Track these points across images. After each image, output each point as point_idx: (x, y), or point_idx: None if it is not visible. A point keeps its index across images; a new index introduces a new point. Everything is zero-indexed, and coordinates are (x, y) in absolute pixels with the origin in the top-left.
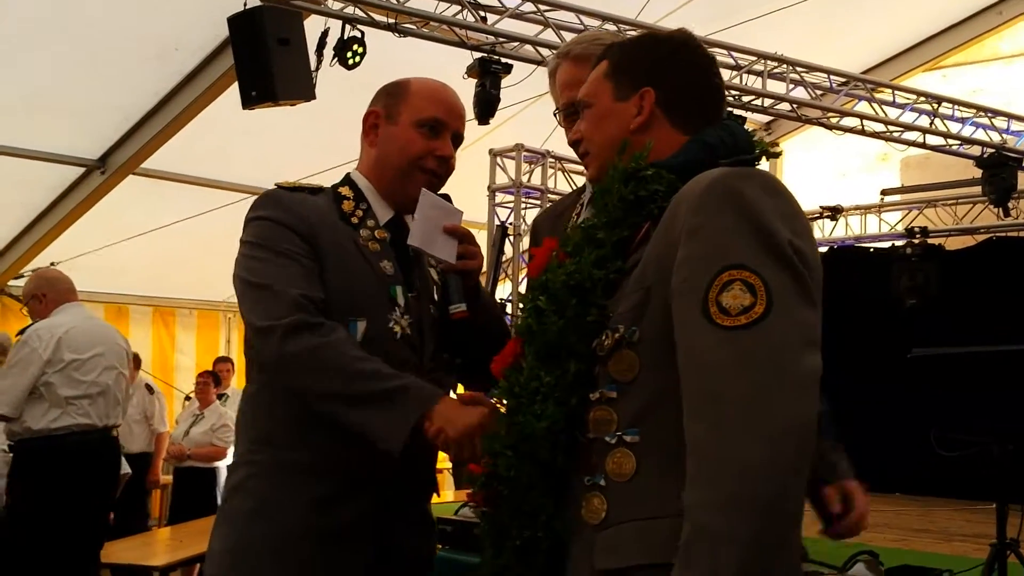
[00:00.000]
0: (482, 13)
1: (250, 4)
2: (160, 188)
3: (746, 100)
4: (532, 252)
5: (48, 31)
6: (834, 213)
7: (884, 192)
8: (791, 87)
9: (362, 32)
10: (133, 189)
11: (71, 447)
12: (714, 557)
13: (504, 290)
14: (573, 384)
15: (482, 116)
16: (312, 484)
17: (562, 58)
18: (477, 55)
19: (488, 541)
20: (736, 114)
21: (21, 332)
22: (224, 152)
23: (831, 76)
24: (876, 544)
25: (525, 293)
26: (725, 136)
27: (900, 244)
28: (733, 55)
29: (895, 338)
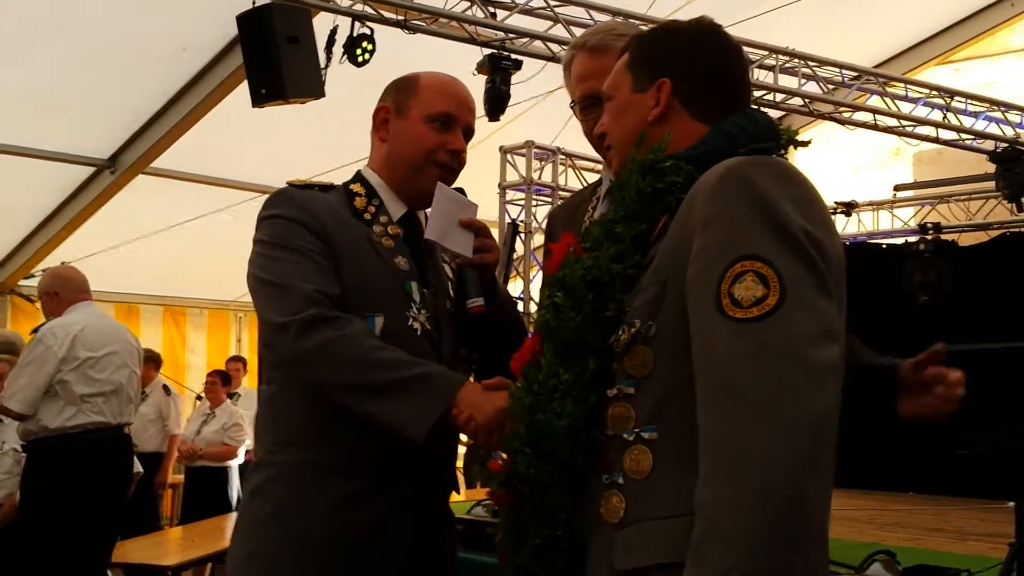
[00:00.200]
0: (492, 9)
1: (259, 2)
2: (170, 187)
3: (757, 95)
4: (550, 247)
5: (55, 31)
6: (848, 209)
7: (897, 188)
8: (803, 82)
9: (371, 29)
10: (143, 189)
11: (86, 445)
12: (726, 556)
13: (515, 288)
14: (592, 381)
15: (492, 113)
16: (336, 484)
17: (577, 49)
18: (487, 51)
19: (507, 540)
20: None
21: (35, 330)
22: (234, 151)
23: (843, 70)
24: (890, 543)
25: (543, 289)
26: (747, 125)
27: (913, 240)
28: (744, 50)
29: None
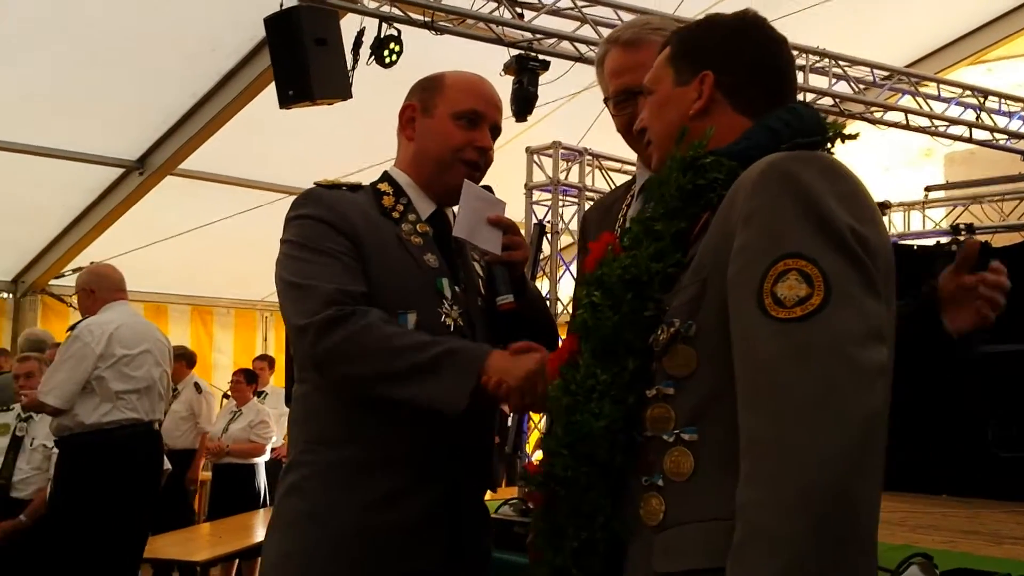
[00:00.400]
0: (519, 10)
1: (286, 4)
2: (198, 188)
3: None
4: (588, 246)
5: (84, 33)
6: (882, 209)
7: (928, 188)
8: (833, 81)
9: (398, 30)
10: (171, 190)
11: (119, 441)
12: (769, 561)
13: (542, 289)
14: (630, 381)
15: (520, 113)
16: (372, 481)
17: (611, 45)
18: (514, 52)
19: (543, 541)
20: None
21: (72, 327)
22: (261, 152)
23: (874, 70)
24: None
25: (579, 288)
26: (791, 119)
27: (945, 242)
28: None
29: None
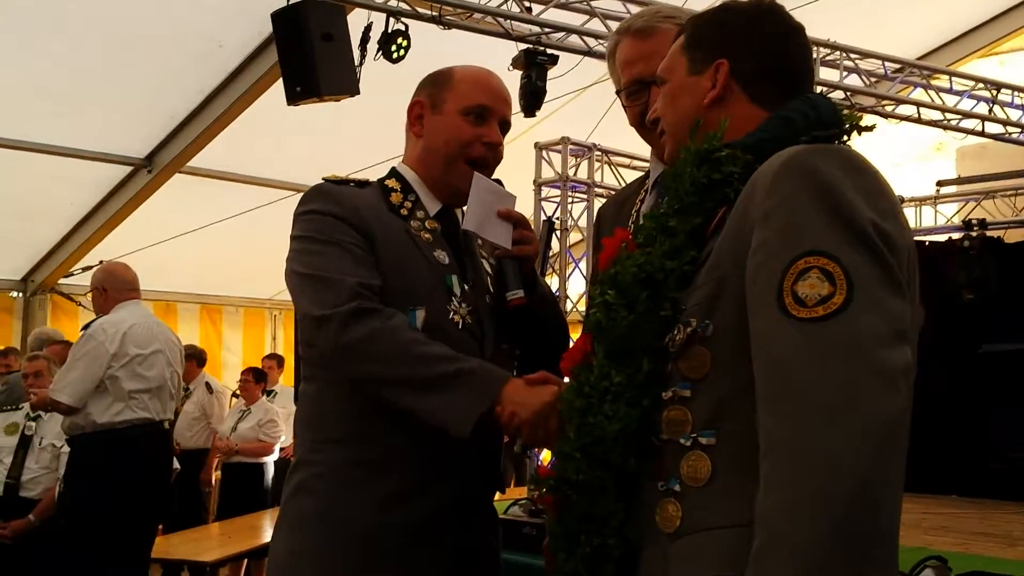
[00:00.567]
0: (527, 3)
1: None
2: (206, 186)
3: None
4: (602, 242)
5: (94, 31)
6: None
7: (940, 183)
8: (844, 74)
9: (406, 25)
10: (179, 188)
11: (131, 440)
12: (789, 568)
13: (552, 285)
14: (645, 383)
15: (528, 108)
16: (382, 481)
17: (622, 35)
18: (522, 46)
19: (556, 546)
20: None
21: (86, 327)
22: (269, 149)
23: (885, 63)
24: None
25: (593, 287)
26: (807, 110)
27: (957, 237)
28: None
29: (952, 334)
